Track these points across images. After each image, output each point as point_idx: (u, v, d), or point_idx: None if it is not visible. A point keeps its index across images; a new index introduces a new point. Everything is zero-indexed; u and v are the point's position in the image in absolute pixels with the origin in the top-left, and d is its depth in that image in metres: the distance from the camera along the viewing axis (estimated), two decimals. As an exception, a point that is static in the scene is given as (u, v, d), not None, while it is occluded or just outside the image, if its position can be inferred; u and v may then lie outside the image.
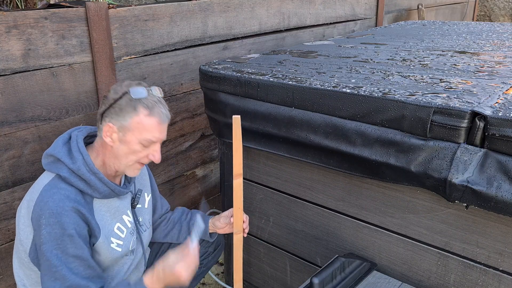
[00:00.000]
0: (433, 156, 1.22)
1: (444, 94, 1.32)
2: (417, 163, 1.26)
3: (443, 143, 1.21)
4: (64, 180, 1.31)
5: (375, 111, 1.33)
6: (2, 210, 1.74)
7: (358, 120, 1.37)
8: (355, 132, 1.37)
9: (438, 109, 1.20)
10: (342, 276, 1.42)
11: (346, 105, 1.38)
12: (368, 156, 1.35)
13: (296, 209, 1.71)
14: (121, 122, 1.30)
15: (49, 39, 1.70)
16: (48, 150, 1.36)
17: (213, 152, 2.59)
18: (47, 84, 1.75)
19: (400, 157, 1.29)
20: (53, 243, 1.25)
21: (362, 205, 1.51)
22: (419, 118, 1.24)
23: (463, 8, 5.60)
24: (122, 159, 1.35)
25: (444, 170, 1.20)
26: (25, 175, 1.77)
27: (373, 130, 1.34)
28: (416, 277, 1.45)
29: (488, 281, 1.29)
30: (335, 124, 1.41)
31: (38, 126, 1.76)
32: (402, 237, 1.44)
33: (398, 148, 1.29)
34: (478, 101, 1.25)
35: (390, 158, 1.31)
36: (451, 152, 1.20)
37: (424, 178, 1.25)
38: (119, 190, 1.41)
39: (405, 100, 1.27)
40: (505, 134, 1.12)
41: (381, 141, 1.32)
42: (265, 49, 2.70)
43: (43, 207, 1.26)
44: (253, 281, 2.00)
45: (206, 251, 1.72)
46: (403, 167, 1.29)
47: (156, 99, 1.34)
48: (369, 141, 1.35)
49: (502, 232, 1.24)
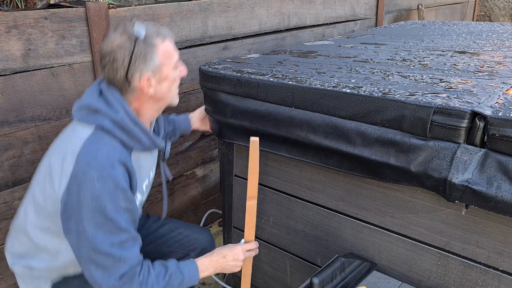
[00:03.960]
0: (433, 156, 1.23)
1: (444, 94, 1.32)
2: (417, 163, 1.26)
3: (443, 143, 1.21)
4: (107, 132, 1.25)
5: (375, 111, 1.33)
6: (2, 210, 1.74)
7: (358, 120, 1.37)
8: (355, 132, 1.37)
9: (438, 109, 1.20)
10: (342, 276, 1.42)
11: (346, 105, 1.38)
12: (368, 156, 1.35)
13: (296, 209, 1.71)
14: (151, 66, 1.26)
15: (49, 39, 1.71)
16: (82, 102, 1.30)
17: (213, 152, 2.59)
18: (47, 84, 1.75)
19: (400, 157, 1.29)
20: (107, 197, 1.20)
21: (362, 205, 1.51)
22: (419, 118, 1.24)
23: (463, 8, 5.60)
24: (167, 94, 1.34)
25: (444, 170, 1.20)
26: (25, 175, 1.77)
27: (373, 130, 1.34)
28: (416, 277, 1.45)
29: (488, 281, 1.30)
30: (335, 124, 1.41)
31: (38, 126, 1.76)
32: (402, 237, 1.44)
33: (398, 148, 1.29)
34: (478, 101, 1.25)
35: (390, 158, 1.31)
36: (451, 152, 1.20)
37: (424, 178, 1.25)
38: (159, 142, 1.39)
39: (405, 100, 1.27)
40: (505, 134, 1.12)
41: (381, 141, 1.32)
42: (265, 49, 2.70)
43: (91, 161, 1.20)
44: (253, 281, 2.00)
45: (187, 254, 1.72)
46: (403, 167, 1.29)
47: (147, 23, 1.30)
48: (369, 141, 1.35)
49: (502, 232, 1.24)
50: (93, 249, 1.21)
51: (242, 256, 1.48)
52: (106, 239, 1.21)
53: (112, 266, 1.23)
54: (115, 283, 1.24)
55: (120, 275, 1.24)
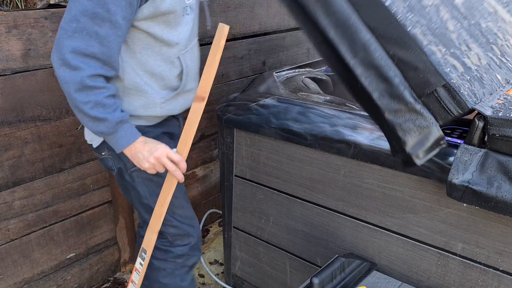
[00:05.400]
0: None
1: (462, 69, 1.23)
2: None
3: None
4: None
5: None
6: (2, 210, 1.74)
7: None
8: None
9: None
10: (342, 276, 1.42)
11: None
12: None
13: (296, 209, 1.72)
14: None
15: (49, 39, 1.70)
16: None
17: (213, 152, 2.59)
18: (47, 84, 1.75)
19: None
20: None
21: (362, 205, 1.51)
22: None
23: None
24: None
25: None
26: (25, 175, 1.77)
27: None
28: (416, 277, 1.45)
29: (488, 281, 1.30)
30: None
31: (38, 126, 1.76)
32: (402, 237, 1.44)
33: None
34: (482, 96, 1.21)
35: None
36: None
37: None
38: None
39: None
40: (505, 134, 1.11)
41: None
42: (265, 49, 2.70)
43: None
44: (253, 281, 2.00)
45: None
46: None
47: None
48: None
49: (502, 232, 1.24)
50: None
51: (160, 155, 1.34)
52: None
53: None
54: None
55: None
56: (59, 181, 1.89)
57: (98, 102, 1.23)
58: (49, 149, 1.82)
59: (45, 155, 1.82)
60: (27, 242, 1.85)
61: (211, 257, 2.45)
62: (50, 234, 1.93)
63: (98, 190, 2.07)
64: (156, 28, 1.30)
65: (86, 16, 1.15)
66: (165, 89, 1.44)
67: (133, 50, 1.33)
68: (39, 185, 1.83)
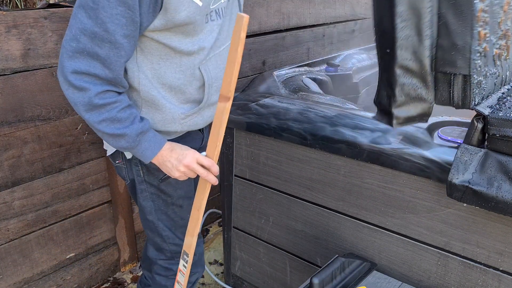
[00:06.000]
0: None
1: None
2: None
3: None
4: None
5: None
6: (1, 210, 1.73)
7: None
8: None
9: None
10: (342, 276, 1.42)
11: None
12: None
13: (296, 209, 1.71)
14: None
15: (48, 38, 1.70)
16: None
17: (213, 152, 2.59)
18: (47, 84, 1.74)
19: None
20: None
21: (362, 205, 1.51)
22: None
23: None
24: None
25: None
26: (25, 175, 1.77)
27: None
28: (416, 277, 1.45)
29: (488, 281, 1.30)
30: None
31: (37, 126, 1.76)
32: (402, 237, 1.44)
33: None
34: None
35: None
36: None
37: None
38: None
39: None
40: (505, 134, 1.11)
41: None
42: (265, 49, 2.70)
43: None
44: (253, 281, 2.00)
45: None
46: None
47: None
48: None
49: (502, 232, 1.24)
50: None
51: (190, 162, 1.25)
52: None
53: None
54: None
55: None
56: (58, 181, 1.89)
57: (113, 119, 1.15)
58: (49, 149, 1.82)
59: (45, 155, 1.81)
60: (26, 242, 1.85)
61: (211, 257, 2.45)
62: (49, 234, 1.93)
63: (98, 190, 2.07)
64: (174, 38, 1.18)
65: (85, 35, 1.07)
66: (187, 103, 1.31)
67: (150, 61, 1.22)
68: (39, 185, 1.83)
